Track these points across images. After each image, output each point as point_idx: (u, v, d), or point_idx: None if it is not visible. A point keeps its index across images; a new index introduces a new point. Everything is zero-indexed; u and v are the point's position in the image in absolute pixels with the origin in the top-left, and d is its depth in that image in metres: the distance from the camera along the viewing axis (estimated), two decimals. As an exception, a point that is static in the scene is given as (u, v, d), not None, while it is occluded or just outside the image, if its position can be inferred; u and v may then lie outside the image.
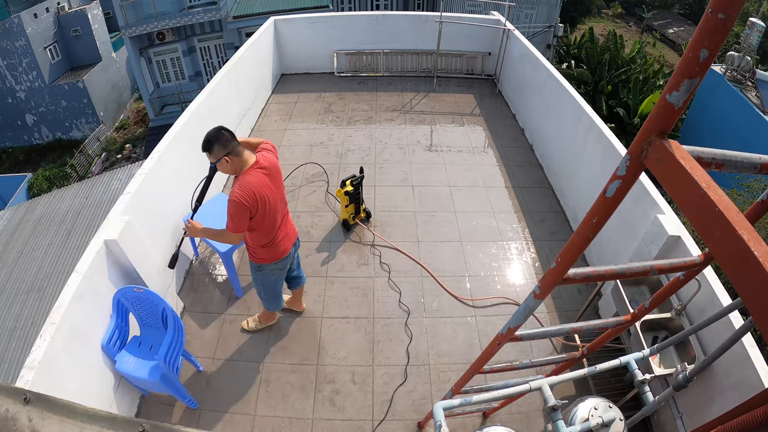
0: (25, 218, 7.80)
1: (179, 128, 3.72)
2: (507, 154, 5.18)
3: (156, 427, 0.69)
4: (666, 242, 2.66)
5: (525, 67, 5.60)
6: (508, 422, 2.72)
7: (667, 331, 2.58)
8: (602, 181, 0.95)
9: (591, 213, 0.98)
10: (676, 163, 0.75)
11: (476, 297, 3.53)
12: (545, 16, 17.52)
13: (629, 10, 30.27)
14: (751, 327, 1.47)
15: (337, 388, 2.93)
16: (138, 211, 2.94)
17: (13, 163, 17.26)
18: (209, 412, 2.81)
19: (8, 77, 16.58)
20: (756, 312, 0.64)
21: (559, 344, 3.21)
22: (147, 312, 2.70)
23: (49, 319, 2.22)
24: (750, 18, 11.96)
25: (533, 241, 4.04)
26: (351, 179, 3.77)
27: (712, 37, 0.67)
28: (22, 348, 5.49)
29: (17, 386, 0.99)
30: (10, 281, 6.49)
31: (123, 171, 8.65)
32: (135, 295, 2.62)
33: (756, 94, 11.51)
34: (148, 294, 2.61)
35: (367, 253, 3.87)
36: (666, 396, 1.69)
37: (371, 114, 5.92)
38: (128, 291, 2.60)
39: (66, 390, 2.21)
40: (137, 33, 14.24)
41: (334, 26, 6.66)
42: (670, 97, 0.74)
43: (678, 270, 1.25)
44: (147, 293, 2.60)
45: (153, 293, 2.61)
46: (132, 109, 19.83)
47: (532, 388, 1.55)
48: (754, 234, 0.64)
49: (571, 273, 1.09)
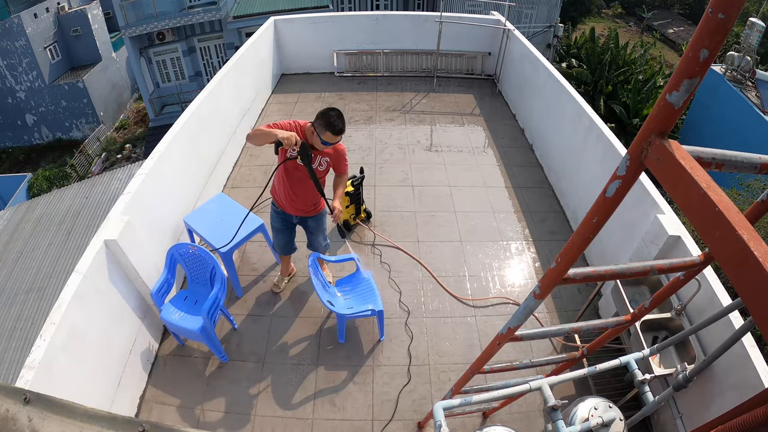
0: (25, 218, 7.80)
1: (179, 128, 3.72)
2: (507, 154, 5.18)
3: (156, 427, 0.69)
4: (666, 242, 2.66)
5: (525, 67, 5.60)
6: (508, 422, 2.72)
7: (667, 331, 2.58)
8: (602, 181, 0.95)
9: (591, 213, 0.98)
10: (676, 163, 0.75)
11: (476, 297, 3.53)
12: (545, 16, 17.52)
13: (629, 10, 30.27)
14: (751, 327, 1.47)
15: (337, 388, 2.93)
16: (138, 211, 2.93)
17: (13, 163, 17.25)
18: (210, 411, 2.81)
19: (8, 77, 16.57)
20: (756, 312, 0.64)
21: (559, 344, 3.21)
22: (197, 269, 2.97)
23: (49, 319, 2.22)
24: (750, 18, 11.95)
25: (533, 241, 4.04)
26: (352, 180, 3.76)
27: (712, 37, 0.67)
28: (22, 348, 5.49)
29: (17, 386, 0.99)
30: (10, 281, 6.48)
31: (123, 171, 8.64)
32: (188, 253, 2.89)
33: (756, 94, 11.51)
34: (201, 252, 2.89)
35: (367, 253, 3.87)
36: (666, 396, 1.69)
37: (371, 114, 5.92)
38: (183, 247, 2.87)
39: (66, 390, 2.21)
40: (137, 33, 14.24)
41: (334, 26, 6.66)
42: (670, 97, 0.74)
43: (678, 270, 1.25)
44: (200, 251, 2.89)
45: (206, 252, 2.88)
46: (132, 109, 19.83)
47: (532, 388, 1.55)
48: (754, 234, 0.64)
49: (571, 273, 1.09)
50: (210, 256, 2.89)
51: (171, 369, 3.04)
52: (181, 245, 2.92)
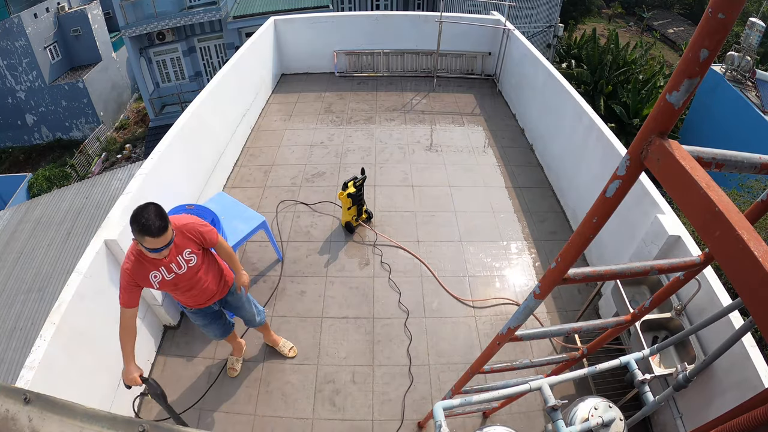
0: (25, 218, 7.80)
1: (179, 128, 3.72)
2: (507, 154, 5.18)
3: (156, 427, 0.69)
4: (666, 242, 2.66)
5: (525, 67, 5.60)
6: (508, 422, 2.72)
7: (667, 331, 2.58)
8: (602, 181, 0.95)
9: (591, 213, 0.98)
10: (676, 163, 0.75)
11: (476, 297, 3.53)
12: (545, 16, 17.52)
13: (629, 10, 30.26)
14: (751, 327, 1.47)
15: (337, 388, 2.93)
16: (138, 211, 2.93)
17: (13, 163, 17.25)
18: (209, 412, 2.81)
19: (8, 77, 16.58)
20: (756, 312, 0.64)
21: (558, 345, 3.21)
22: None
23: (49, 319, 2.22)
24: (750, 18, 11.95)
25: (533, 241, 4.04)
26: (353, 181, 3.75)
27: (712, 37, 0.67)
28: (22, 348, 5.49)
29: (17, 386, 0.99)
30: (10, 281, 6.48)
31: (123, 171, 8.65)
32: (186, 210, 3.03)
33: (756, 94, 11.50)
34: (198, 208, 3.05)
35: (367, 253, 3.87)
36: (666, 396, 1.69)
37: (371, 114, 5.92)
38: (180, 209, 2.99)
39: (66, 390, 2.21)
40: (137, 33, 14.23)
41: (334, 26, 6.66)
42: (670, 97, 0.74)
43: (678, 270, 1.25)
44: (197, 207, 3.06)
45: (203, 207, 3.06)
46: (132, 109, 19.83)
47: (532, 388, 1.55)
48: (754, 234, 0.64)
49: (571, 273, 1.09)
50: (208, 210, 3.06)
51: (171, 369, 3.04)
52: (178, 208, 3.05)
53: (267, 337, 3.09)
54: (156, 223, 1.85)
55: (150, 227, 1.84)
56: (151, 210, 1.87)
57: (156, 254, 1.94)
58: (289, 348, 3.12)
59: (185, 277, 2.19)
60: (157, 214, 1.87)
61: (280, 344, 3.11)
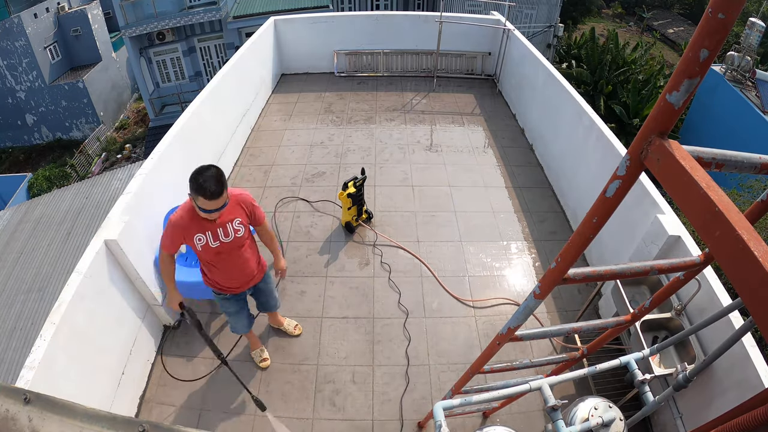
0: (25, 218, 7.79)
1: (179, 128, 3.72)
2: (507, 154, 5.18)
3: (156, 427, 0.69)
4: (666, 242, 2.66)
5: (525, 67, 5.60)
6: (508, 422, 2.72)
7: (667, 331, 2.58)
8: (602, 181, 0.95)
9: (591, 213, 0.98)
10: (676, 163, 0.75)
11: (476, 297, 3.53)
12: (545, 16, 17.53)
13: (629, 10, 30.26)
14: (751, 327, 1.47)
15: (337, 388, 2.93)
16: (138, 211, 2.93)
17: (13, 163, 17.25)
18: (209, 412, 2.81)
19: (8, 77, 16.58)
20: (756, 312, 0.64)
21: (558, 345, 3.21)
22: None
23: (49, 319, 2.22)
24: (750, 18, 11.96)
25: (533, 241, 4.04)
26: (353, 181, 3.75)
27: (712, 37, 0.67)
28: (22, 348, 5.49)
29: (17, 386, 0.99)
30: (10, 281, 6.48)
31: (123, 171, 8.64)
32: None
33: (756, 94, 11.51)
34: None
35: (367, 253, 3.87)
36: (666, 396, 1.69)
37: (371, 114, 5.92)
38: None
39: (66, 390, 2.21)
40: (137, 33, 14.23)
41: (334, 26, 6.66)
42: (670, 97, 0.74)
43: (678, 270, 1.25)
44: None
45: None
46: (132, 109, 19.83)
47: (532, 388, 1.55)
48: (754, 234, 0.64)
49: (571, 273, 1.09)
50: None
51: (171, 369, 3.04)
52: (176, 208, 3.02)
53: (272, 319, 3.17)
54: (212, 187, 1.96)
55: (206, 189, 1.95)
56: (212, 172, 1.99)
57: (207, 214, 2.07)
58: (294, 326, 3.19)
59: (228, 247, 2.26)
60: (216, 178, 1.99)
61: (285, 324, 3.18)
